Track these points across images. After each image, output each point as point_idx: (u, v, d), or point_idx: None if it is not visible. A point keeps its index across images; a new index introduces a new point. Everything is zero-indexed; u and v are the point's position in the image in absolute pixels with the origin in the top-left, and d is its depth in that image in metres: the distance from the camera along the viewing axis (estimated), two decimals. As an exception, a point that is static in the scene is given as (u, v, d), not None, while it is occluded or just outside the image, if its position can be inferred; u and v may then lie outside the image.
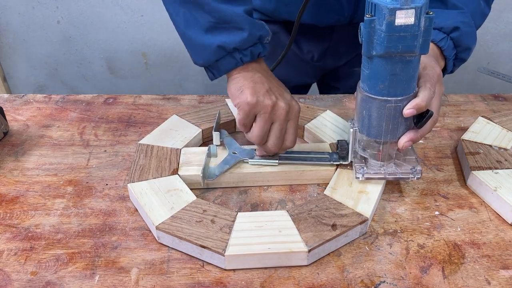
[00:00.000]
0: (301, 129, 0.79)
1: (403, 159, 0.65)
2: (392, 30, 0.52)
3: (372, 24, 0.53)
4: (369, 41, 0.54)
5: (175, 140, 0.73)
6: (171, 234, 0.56)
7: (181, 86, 1.86)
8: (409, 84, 0.57)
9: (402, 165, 0.64)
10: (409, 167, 0.63)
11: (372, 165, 0.64)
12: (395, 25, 0.52)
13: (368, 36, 0.54)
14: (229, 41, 0.63)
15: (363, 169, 0.64)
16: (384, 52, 0.54)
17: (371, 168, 0.64)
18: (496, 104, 0.89)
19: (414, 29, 0.52)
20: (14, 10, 1.69)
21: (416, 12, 0.51)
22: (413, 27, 0.52)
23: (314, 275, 0.55)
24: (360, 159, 0.65)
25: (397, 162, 0.65)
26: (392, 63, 0.55)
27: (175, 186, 0.64)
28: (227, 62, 0.65)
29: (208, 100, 0.90)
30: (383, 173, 0.63)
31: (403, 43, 0.53)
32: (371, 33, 0.54)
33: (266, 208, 0.64)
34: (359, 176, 0.63)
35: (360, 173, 0.63)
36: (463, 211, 0.64)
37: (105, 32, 1.72)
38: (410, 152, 0.66)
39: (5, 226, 0.61)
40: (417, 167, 0.63)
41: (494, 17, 1.67)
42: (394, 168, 0.64)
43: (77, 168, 0.72)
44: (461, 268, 0.56)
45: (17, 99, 0.90)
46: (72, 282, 0.53)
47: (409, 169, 0.63)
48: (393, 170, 0.64)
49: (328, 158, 0.68)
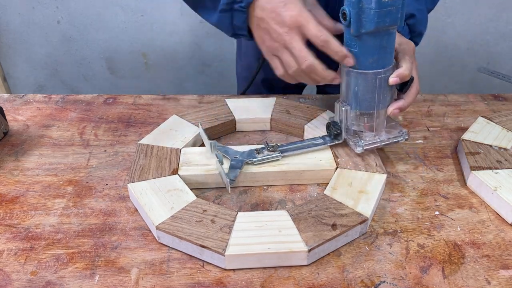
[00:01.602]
0: (301, 129, 0.79)
1: (389, 126, 0.71)
2: (381, 6, 0.57)
3: (360, 4, 0.58)
4: (357, 20, 0.59)
5: (175, 140, 0.73)
6: (171, 234, 0.56)
7: (181, 86, 1.86)
8: (392, 54, 0.64)
9: (390, 131, 0.70)
10: (396, 131, 0.70)
11: (367, 136, 0.69)
12: (383, 1, 0.57)
13: (357, 16, 0.59)
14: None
15: (360, 141, 0.68)
16: (374, 28, 0.59)
17: (366, 140, 0.68)
18: (496, 104, 0.89)
19: (398, 3, 0.58)
20: (14, 10, 1.69)
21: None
22: (397, 1, 0.58)
23: (314, 275, 0.55)
24: (354, 135, 0.70)
25: (386, 130, 0.70)
26: (380, 37, 0.60)
27: (175, 186, 0.64)
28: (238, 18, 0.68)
29: (208, 100, 0.90)
30: (379, 141, 0.69)
31: (390, 17, 0.58)
32: (359, 13, 0.58)
33: (266, 208, 0.64)
34: (359, 149, 0.68)
35: (359, 145, 0.68)
36: (463, 211, 0.64)
37: (105, 32, 1.72)
38: (389, 120, 0.71)
39: (5, 226, 0.61)
40: (402, 130, 0.70)
41: (494, 17, 1.67)
42: (386, 135, 0.70)
43: (77, 168, 0.72)
44: (461, 268, 0.56)
45: (17, 99, 0.90)
46: (72, 282, 0.53)
47: (397, 133, 0.70)
48: (385, 137, 0.69)
49: (322, 141, 0.71)
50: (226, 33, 0.73)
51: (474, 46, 1.74)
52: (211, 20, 0.72)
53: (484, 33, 1.71)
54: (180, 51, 1.76)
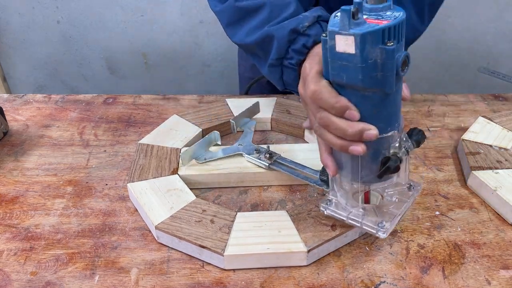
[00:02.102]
0: (301, 129, 0.79)
1: (387, 208, 0.55)
2: (334, 56, 0.45)
3: (325, 45, 0.46)
4: (324, 62, 0.48)
5: (175, 140, 0.73)
6: (170, 234, 0.56)
7: (181, 86, 1.86)
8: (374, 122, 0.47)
9: (375, 215, 0.54)
10: (378, 220, 0.53)
11: (342, 202, 0.56)
12: (335, 51, 0.44)
13: (324, 57, 0.47)
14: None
15: (330, 203, 0.56)
16: (331, 80, 0.48)
17: (337, 206, 0.56)
18: (496, 104, 0.89)
19: (356, 60, 0.43)
20: (14, 10, 1.69)
21: (355, 40, 0.42)
22: (354, 57, 0.43)
23: (314, 275, 0.55)
24: (338, 189, 0.56)
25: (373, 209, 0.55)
26: (350, 95, 0.47)
27: (174, 186, 0.64)
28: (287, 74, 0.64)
29: (208, 100, 0.89)
30: (346, 216, 0.55)
31: (347, 74, 0.45)
32: (324, 53, 0.47)
33: (266, 208, 0.64)
34: (321, 209, 0.56)
35: (323, 207, 0.56)
36: (463, 211, 0.64)
37: (105, 32, 1.72)
38: (398, 206, 0.55)
39: (5, 226, 0.61)
40: (386, 223, 0.53)
41: (494, 17, 1.67)
42: (361, 216, 0.54)
43: (77, 168, 0.71)
44: (461, 268, 0.56)
45: (17, 99, 0.90)
46: (72, 282, 0.53)
47: (374, 222, 0.53)
48: (358, 217, 0.54)
49: (312, 181, 0.64)
50: (277, 87, 0.69)
51: (474, 46, 1.74)
52: (263, 71, 0.69)
53: (484, 33, 1.71)
54: (180, 51, 1.76)
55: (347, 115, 0.47)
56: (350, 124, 0.47)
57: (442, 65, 1.78)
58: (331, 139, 0.50)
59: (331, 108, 0.48)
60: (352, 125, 0.47)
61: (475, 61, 1.77)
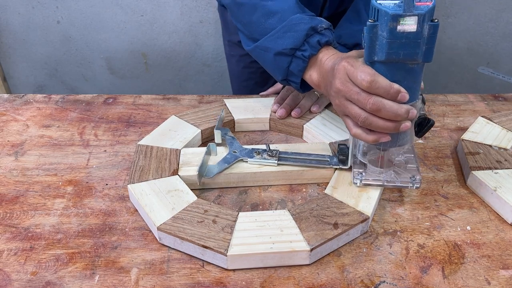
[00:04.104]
0: (300, 128, 0.79)
1: (404, 167, 0.64)
2: (394, 36, 0.51)
3: (374, 29, 0.53)
4: (371, 46, 0.54)
5: (174, 141, 0.73)
6: (172, 234, 0.56)
7: (181, 86, 1.86)
8: (411, 91, 0.56)
9: (402, 173, 0.64)
10: (408, 176, 0.63)
11: (371, 171, 0.64)
12: (396, 31, 0.51)
13: (370, 41, 0.54)
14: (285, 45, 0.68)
15: (361, 174, 0.63)
16: (386, 59, 0.53)
17: (369, 174, 0.64)
18: (496, 104, 0.89)
19: (416, 36, 0.51)
20: (14, 10, 1.69)
21: (419, 19, 0.50)
22: (415, 34, 0.51)
23: (314, 275, 0.55)
24: (360, 164, 0.65)
25: (396, 170, 0.64)
26: (394, 70, 0.54)
27: (175, 187, 0.64)
28: (296, 64, 0.69)
29: (208, 100, 0.90)
30: (382, 180, 0.63)
31: (404, 50, 0.52)
32: (373, 38, 0.53)
33: (266, 208, 0.64)
34: (357, 182, 0.63)
35: (358, 178, 0.63)
36: (463, 211, 0.64)
37: (105, 32, 1.72)
38: (411, 161, 0.65)
39: (5, 226, 0.61)
40: (417, 176, 0.63)
41: (494, 17, 1.67)
42: (393, 175, 0.63)
43: (77, 168, 0.71)
44: (461, 268, 0.56)
45: (17, 99, 0.90)
46: (72, 282, 0.53)
47: (408, 178, 0.63)
48: (391, 178, 0.63)
49: (328, 161, 0.68)
50: (276, 76, 0.73)
51: (474, 46, 1.74)
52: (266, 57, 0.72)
53: (484, 33, 1.71)
54: (180, 51, 1.76)
55: (400, 98, 0.55)
56: (400, 106, 0.55)
57: (442, 65, 1.78)
58: (382, 125, 0.56)
59: (386, 93, 0.55)
60: (401, 106, 0.55)
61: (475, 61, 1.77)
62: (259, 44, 0.72)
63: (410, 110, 0.56)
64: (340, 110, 0.62)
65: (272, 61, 0.71)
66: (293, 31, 0.68)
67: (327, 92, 0.65)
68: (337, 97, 0.60)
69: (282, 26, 0.69)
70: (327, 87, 0.64)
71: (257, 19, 0.72)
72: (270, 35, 0.70)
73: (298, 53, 0.68)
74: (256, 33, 0.73)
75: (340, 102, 0.60)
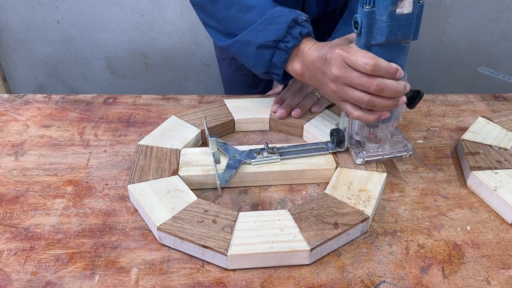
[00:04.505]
0: (300, 128, 0.79)
1: (393, 140, 0.70)
2: (394, 19, 0.56)
3: (372, 15, 0.57)
4: (368, 31, 0.58)
5: (174, 141, 0.73)
6: (172, 234, 0.56)
7: (181, 86, 1.86)
8: (403, 68, 0.61)
9: (395, 145, 0.69)
10: (401, 145, 0.68)
11: (370, 147, 0.68)
12: (396, 14, 0.56)
13: (368, 27, 0.58)
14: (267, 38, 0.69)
15: (362, 153, 0.67)
16: (385, 41, 0.58)
17: (368, 151, 0.67)
18: (496, 104, 0.89)
19: (411, 17, 0.57)
20: (14, 10, 1.69)
21: (414, 1, 0.56)
22: (411, 15, 0.57)
23: (314, 275, 0.55)
24: (356, 144, 0.69)
25: (389, 143, 0.69)
26: (390, 50, 0.59)
27: (175, 187, 0.64)
28: (279, 56, 0.70)
29: (208, 100, 0.90)
30: (381, 154, 0.67)
31: (402, 31, 0.57)
32: (371, 23, 0.57)
33: (266, 208, 0.64)
34: (359, 160, 0.67)
35: (360, 156, 0.67)
36: (463, 211, 0.64)
37: (105, 32, 1.72)
38: (396, 133, 0.70)
39: (5, 226, 0.61)
40: (408, 144, 0.68)
41: (494, 17, 1.67)
42: (390, 148, 0.68)
43: (77, 168, 0.72)
44: (461, 268, 0.56)
45: (17, 99, 0.90)
46: (72, 282, 0.53)
47: (401, 148, 0.68)
48: (389, 151, 0.68)
49: (324, 147, 0.70)
50: (257, 70, 0.74)
51: (474, 46, 1.74)
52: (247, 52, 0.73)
53: (484, 33, 1.71)
54: (180, 51, 1.76)
55: (398, 75, 0.59)
56: (398, 83, 0.59)
57: (442, 65, 1.78)
58: (385, 104, 0.60)
59: (388, 73, 0.58)
60: (400, 83, 0.60)
61: (475, 61, 1.77)
62: (239, 38, 0.73)
63: (406, 85, 0.61)
64: (338, 96, 0.63)
65: (254, 55, 0.72)
66: (275, 23, 0.69)
67: (315, 81, 0.67)
68: (334, 84, 0.62)
69: (263, 19, 0.70)
70: (316, 76, 0.66)
71: (234, 14, 0.72)
72: (251, 28, 0.71)
73: (281, 44, 0.69)
74: (233, 27, 0.73)
75: (338, 88, 0.62)
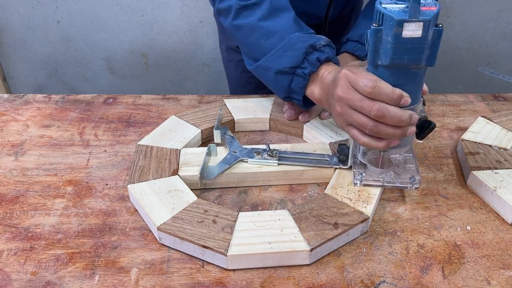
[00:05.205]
0: (300, 129, 0.79)
1: (403, 167, 0.65)
2: (399, 42, 0.51)
3: (379, 34, 0.53)
4: (374, 50, 0.54)
5: (174, 141, 0.73)
6: (172, 234, 0.56)
7: (181, 86, 1.86)
8: (413, 95, 0.56)
9: (401, 173, 0.64)
10: (408, 176, 0.63)
11: (371, 171, 0.64)
12: (402, 37, 0.51)
13: (374, 45, 0.54)
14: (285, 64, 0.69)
15: (361, 175, 0.64)
16: (389, 63, 0.53)
17: (369, 175, 0.64)
18: (496, 104, 0.89)
19: (421, 42, 0.51)
20: (14, 10, 1.69)
21: (424, 25, 0.50)
22: (420, 39, 0.51)
23: (314, 275, 0.55)
24: (360, 164, 0.65)
25: (396, 170, 0.65)
26: (397, 74, 0.55)
27: (175, 187, 0.64)
28: (297, 82, 0.69)
29: (208, 100, 0.90)
30: (382, 181, 0.63)
31: (409, 55, 0.52)
32: (377, 42, 0.53)
33: (266, 208, 0.64)
34: (357, 182, 0.64)
35: (358, 179, 0.64)
36: (463, 211, 0.64)
37: (105, 32, 1.72)
38: (410, 161, 0.66)
39: (5, 226, 0.61)
40: (416, 176, 0.63)
41: (494, 17, 1.67)
42: (393, 176, 0.64)
43: (77, 168, 0.72)
44: (461, 268, 0.56)
45: (17, 99, 0.90)
46: (72, 282, 0.53)
47: (408, 178, 0.63)
48: (391, 178, 0.64)
49: (327, 161, 0.68)
50: (279, 94, 0.74)
51: (474, 46, 1.74)
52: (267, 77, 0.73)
53: (484, 33, 1.71)
54: (180, 51, 1.76)
55: (402, 102, 0.55)
56: (403, 111, 0.55)
57: (442, 65, 1.78)
58: (391, 132, 0.57)
59: (389, 98, 0.55)
60: (404, 112, 0.56)
61: (475, 61, 1.77)
62: (260, 64, 0.73)
63: (412, 115, 0.56)
64: (343, 120, 0.61)
65: (274, 80, 0.72)
66: (292, 49, 0.68)
67: (329, 105, 0.64)
68: (339, 105, 0.60)
69: (281, 45, 0.70)
70: (328, 100, 0.64)
71: (256, 40, 0.72)
72: (270, 54, 0.71)
73: (298, 71, 0.69)
74: (256, 53, 0.73)
75: (343, 110, 0.59)
